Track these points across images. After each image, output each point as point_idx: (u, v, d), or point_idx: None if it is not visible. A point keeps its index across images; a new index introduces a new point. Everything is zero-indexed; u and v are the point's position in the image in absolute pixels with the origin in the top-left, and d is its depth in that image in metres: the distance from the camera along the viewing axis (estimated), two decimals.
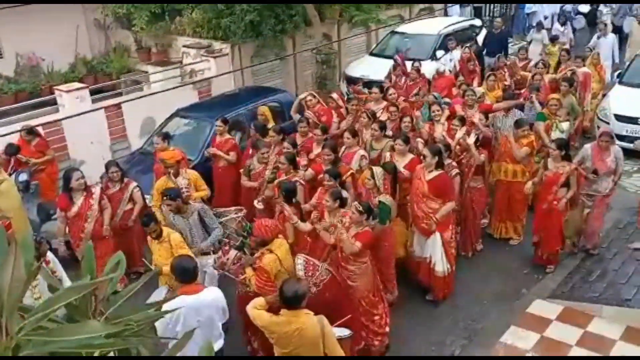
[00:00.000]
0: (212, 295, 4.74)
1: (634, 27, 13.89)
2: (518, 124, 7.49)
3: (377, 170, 6.25)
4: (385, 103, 8.80)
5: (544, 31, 14.22)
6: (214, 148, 8.08)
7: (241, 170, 7.59)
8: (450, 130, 7.56)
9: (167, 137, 7.78)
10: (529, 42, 14.34)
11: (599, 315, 6.23)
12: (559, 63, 11.04)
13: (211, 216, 6.19)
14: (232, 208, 6.74)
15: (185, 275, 4.65)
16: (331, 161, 6.74)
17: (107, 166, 7.00)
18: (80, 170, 6.74)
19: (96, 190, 6.57)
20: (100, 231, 6.48)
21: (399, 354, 6.01)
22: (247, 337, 5.78)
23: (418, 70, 10.26)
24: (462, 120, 7.57)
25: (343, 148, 7.28)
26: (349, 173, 6.60)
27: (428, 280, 6.62)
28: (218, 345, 4.83)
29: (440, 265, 6.42)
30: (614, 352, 5.76)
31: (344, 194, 6.06)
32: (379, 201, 6.04)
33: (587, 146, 7.08)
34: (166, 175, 6.87)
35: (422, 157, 6.50)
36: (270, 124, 8.36)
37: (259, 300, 4.45)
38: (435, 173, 6.33)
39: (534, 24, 17.90)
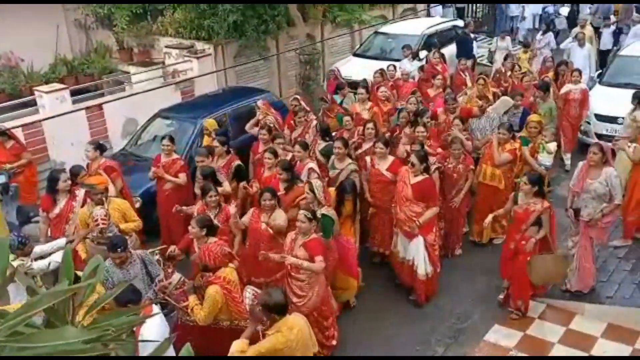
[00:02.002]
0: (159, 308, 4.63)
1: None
2: (502, 127, 7.49)
3: (316, 183, 6.08)
4: (370, 104, 8.81)
5: (508, 38, 13.80)
6: (159, 169, 7.22)
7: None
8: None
9: (100, 147, 7.15)
10: (494, 51, 13.72)
11: (581, 313, 6.30)
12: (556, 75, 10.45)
13: (154, 262, 5.40)
14: (149, 250, 5.77)
15: (136, 295, 4.41)
16: (286, 180, 6.41)
17: (76, 172, 6.62)
18: (67, 172, 6.64)
19: (80, 193, 6.47)
20: None
21: (383, 354, 6.01)
22: None
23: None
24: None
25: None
26: (302, 196, 6.16)
27: (411, 281, 6.61)
28: None
29: (423, 268, 6.38)
30: (595, 350, 5.83)
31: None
32: (322, 214, 5.83)
33: (581, 164, 6.37)
34: (90, 204, 6.06)
35: (410, 165, 6.35)
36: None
37: (241, 345, 4.14)
38: (420, 177, 6.28)
39: (517, 25, 18.07)
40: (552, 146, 7.55)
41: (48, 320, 1.91)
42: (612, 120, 9.92)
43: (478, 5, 19.94)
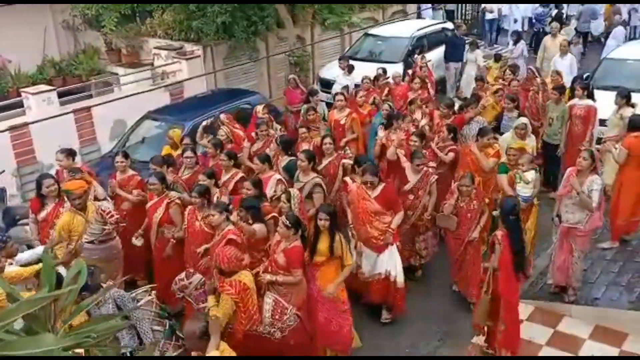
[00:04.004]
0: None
1: (548, 42, 12.46)
2: (482, 132, 7.39)
3: (294, 192, 5.93)
4: (348, 110, 8.71)
5: (477, 51, 13.15)
6: (115, 186, 6.87)
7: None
8: (408, 147, 7.20)
9: (71, 153, 6.99)
10: (465, 62, 13.22)
11: (569, 314, 6.33)
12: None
13: (128, 302, 4.78)
14: (141, 289, 5.16)
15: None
16: (254, 197, 5.97)
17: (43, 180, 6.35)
18: (53, 176, 6.57)
19: None
20: None
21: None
22: None
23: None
24: (422, 137, 7.27)
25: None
26: (270, 215, 5.80)
27: (385, 296, 6.36)
28: None
29: (402, 276, 6.24)
30: (583, 351, 5.86)
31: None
32: None
33: (569, 169, 6.25)
34: (71, 210, 5.94)
35: (368, 184, 6.11)
36: (180, 147, 7.77)
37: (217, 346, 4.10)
38: (379, 188, 6.15)
39: (505, 27, 18.09)
40: (530, 175, 6.62)
41: (29, 326, 1.89)
42: (602, 123, 9.96)
43: (467, 8, 19.99)
